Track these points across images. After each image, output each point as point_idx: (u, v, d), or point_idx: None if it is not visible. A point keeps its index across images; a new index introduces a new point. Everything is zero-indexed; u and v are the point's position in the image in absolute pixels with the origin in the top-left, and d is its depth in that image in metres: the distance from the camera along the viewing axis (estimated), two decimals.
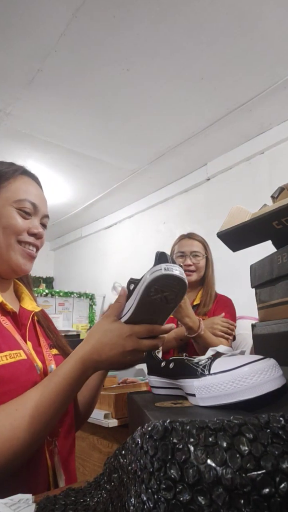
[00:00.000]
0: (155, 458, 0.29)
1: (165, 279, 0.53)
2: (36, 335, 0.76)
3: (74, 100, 2.44)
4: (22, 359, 0.65)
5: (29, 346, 0.71)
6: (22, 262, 0.73)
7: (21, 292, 0.81)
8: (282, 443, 0.27)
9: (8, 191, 0.72)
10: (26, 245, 0.73)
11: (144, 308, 0.59)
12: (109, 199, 4.07)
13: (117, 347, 0.60)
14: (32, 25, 1.85)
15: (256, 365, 0.44)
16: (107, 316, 0.64)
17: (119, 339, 0.60)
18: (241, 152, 3.02)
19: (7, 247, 0.71)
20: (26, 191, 0.74)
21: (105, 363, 0.61)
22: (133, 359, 0.62)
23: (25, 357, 0.66)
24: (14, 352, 0.65)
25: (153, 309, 0.59)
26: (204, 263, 1.63)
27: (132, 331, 0.60)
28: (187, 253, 1.62)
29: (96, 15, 1.80)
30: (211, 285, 1.64)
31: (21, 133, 2.79)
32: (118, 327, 0.61)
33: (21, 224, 0.72)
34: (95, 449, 1.48)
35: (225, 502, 0.25)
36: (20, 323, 0.74)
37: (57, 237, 5.49)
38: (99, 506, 0.38)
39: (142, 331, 0.61)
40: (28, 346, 0.70)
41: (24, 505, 0.43)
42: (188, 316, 1.33)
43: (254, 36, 1.94)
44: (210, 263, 1.66)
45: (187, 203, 3.58)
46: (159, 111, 2.57)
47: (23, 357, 0.66)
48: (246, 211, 0.71)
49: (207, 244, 1.68)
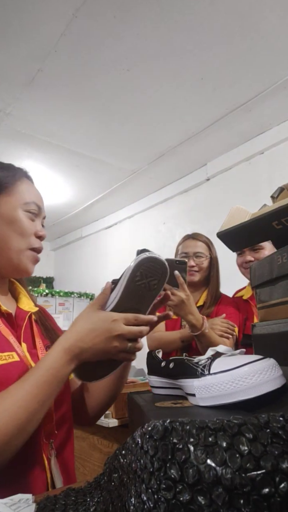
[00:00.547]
0: (155, 458, 0.29)
1: (149, 261, 0.60)
2: (32, 336, 0.75)
3: (74, 100, 2.44)
4: (14, 361, 0.64)
5: (24, 348, 0.70)
6: (30, 267, 0.74)
7: (19, 292, 0.80)
8: (282, 443, 0.27)
9: (16, 194, 0.72)
10: (35, 250, 0.74)
11: (129, 295, 0.61)
12: (109, 199, 4.07)
13: (103, 332, 0.59)
14: (32, 25, 1.85)
15: (256, 365, 0.44)
16: (92, 305, 0.64)
17: (105, 323, 0.60)
18: (241, 152, 3.02)
19: (18, 252, 0.71)
20: (30, 193, 0.75)
21: (90, 350, 0.60)
22: (119, 346, 0.61)
23: (17, 359, 0.65)
24: (6, 354, 0.64)
25: (137, 297, 0.61)
26: (207, 263, 1.62)
27: (117, 316, 0.61)
28: (190, 254, 1.61)
29: (97, 15, 1.80)
30: (215, 285, 1.63)
31: (21, 133, 2.79)
32: (103, 313, 0.61)
33: (30, 227, 0.73)
34: (95, 449, 1.48)
35: (225, 502, 0.25)
36: (16, 324, 0.73)
37: (57, 237, 5.49)
38: (99, 506, 0.38)
39: (128, 318, 0.61)
40: (22, 348, 0.70)
41: (24, 505, 0.43)
42: (191, 314, 1.32)
43: (254, 36, 1.94)
44: (215, 263, 1.65)
45: (187, 203, 3.58)
46: (159, 111, 2.57)
47: (16, 359, 0.65)
48: (246, 211, 0.71)
49: (212, 245, 1.67)
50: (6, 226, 0.70)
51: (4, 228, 0.70)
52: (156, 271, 0.60)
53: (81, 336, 0.60)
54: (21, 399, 0.55)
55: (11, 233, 0.70)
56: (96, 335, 0.60)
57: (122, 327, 0.60)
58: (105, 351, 0.61)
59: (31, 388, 0.56)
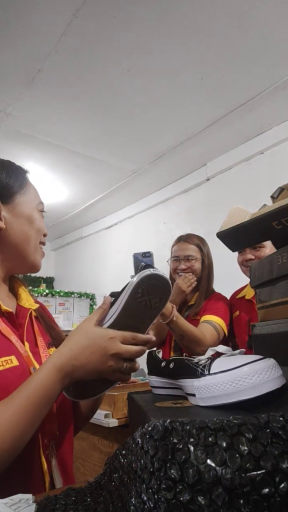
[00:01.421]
0: (156, 458, 0.29)
1: (152, 279, 0.56)
2: (34, 334, 0.75)
3: (74, 100, 2.44)
4: (13, 367, 0.62)
5: (27, 347, 0.69)
6: (40, 263, 0.77)
7: (18, 288, 0.80)
8: (282, 443, 0.27)
9: (30, 193, 0.76)
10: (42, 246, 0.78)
11: (129, 313, 0.58)
12: (109, 199, 4.07)
13: (98, 350, 0.57)
14: (32, 25, 1.85)
15: (256, 365, 0.44)
16: (89, 320, 0.61)
17: (101, 340, 0.57)
18: (241, 152, 3.02)
19: (35, 249, 0.75)
20: (38, 193, 0.79)
21: (83, 369, 0.57)
22: (115, 366, 0.58)
23: (16, 364, 0.63)
24: (3, 360, 0.62)
25: (137, 315, 0.59)
26: (199, 265, 1.64)
27: (115, 333, 0.58)
28: (181, 257, 1.64)
29: (97, 15, 1.80)
30: (205, 286, 1.64)
31: (21, 133, 2.79)
32: (100, 330, 0.59)
33: (43, 225, 0.77)
34: (96, 449, 1.48)
35: (225, 502, 0.25)
36: (18, 323, 0.72)
37: (57, 237, 5.49)
38: (100, 506, 0.38)
39: (126, 336, 0.58)
40: (26, 347, 0.69)
41: (25, 505, 0.43)
42: None
43: (254, 36, 1.94)
44: (206, 265, 1.65)
45: (187, 203, 3.58)
46: (159, 111, 2.57)
47: (14, 363, 0.63)
48: (245, 211, 0.71)
49: (204, 247, 1.67)
50: (27, 225, 0.73)
51: (26, 226, 0.73)
52: (159, 289, 0.58)
53: (75, 354, 0.57)
54: (7, 421, 0.52)
55: (31, 231, 0.73)
56: (91, 352, 0.57)
57: (119, 346, 0.57)
58: (99, 371, 0.58)
59: (19, 407, 0.53)
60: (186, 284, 1.56)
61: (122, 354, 0.58)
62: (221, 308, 1.57)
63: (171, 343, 1.61)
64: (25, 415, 0.53)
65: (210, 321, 1.49)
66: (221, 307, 1.57)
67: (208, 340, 1.40)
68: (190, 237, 1.68)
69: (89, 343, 0.57)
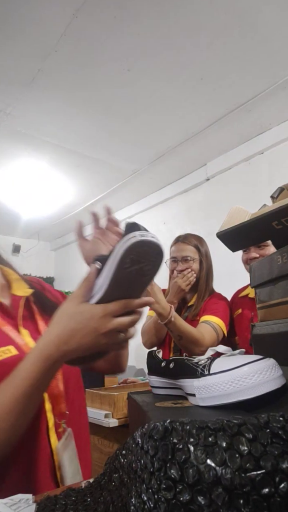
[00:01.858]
0: (156, 458, 0.29)
1: (141, 246, 0.48)
2: (33, 320, 0.72)
3: (74, 100, 2.44)
4: (12, 356, 0.61)
5: (25, 335, 0.67)
6: None
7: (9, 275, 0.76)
8: (282, 443, 0.27)
9: None
10: None
11: (119, 284, 0.51)
12: (109, 199, 4.07)
13: (90, 332, 0.52)
14: (32, 25, 1.85)
15: (256, 365, 0.44)
16: (73, 298, 0.54)
17: (91, 321, 0.52)
18: (241, 152, 3.02)
19: None
20: None
21: (76, 352, 0.53)
22: (111, 341, 0.54)
23: (15, 353, 0.62)
24: (1, 350, 0.61)
25: (128, 284, 0.52)
26: (197, 266, 1.63)
27: (105, 311, 0.52)
28: (178, 258, 1.63)
29: (97, 15, 1.80)
30: (204, 287, 1.63)
31: (21, 133, 2.79)
32: (89, 309, 0.53)
33: None
34: (96, 449, 1.48)
35: (225, 502, 0.25)
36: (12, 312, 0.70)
37: (57, 237, 5.48)
38: (100, 506, 0.38)
39: (117, 309, 0.53)
40: (24, 335, 0.67)
41: (25, 505, 0.43)
42: (157, 302, 1.32)
43: (254, 36, 1.94)
44: (204, 266, 1.64)
45: (186, 203, 3.58)
46: (159, 111, 2.57)
47: (13, 353, 0.61)
48: (245, 211, 0.71)
49: (202, 247, 1.66)
50: None
51: None
52: (150, 255, 0.50)
53: (64, 340, 0.52)
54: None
55: None
56: (82, 335, 0.52)
57: (111, 323, 0.52)
58: (93, 349, 0.54)
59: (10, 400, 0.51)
60: (185, 282, 1.55)
61: (117, 328, 0.53)
62: (220, 308, 1.56)
63: (170, 344, 1.61)
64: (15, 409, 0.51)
65: (209, 321, 1.49)
66: (221, 307, 1.57)
67: (207, 340, 1.39)
68: (187, 237, 1.68)
69: (78, 327, 0.52)
